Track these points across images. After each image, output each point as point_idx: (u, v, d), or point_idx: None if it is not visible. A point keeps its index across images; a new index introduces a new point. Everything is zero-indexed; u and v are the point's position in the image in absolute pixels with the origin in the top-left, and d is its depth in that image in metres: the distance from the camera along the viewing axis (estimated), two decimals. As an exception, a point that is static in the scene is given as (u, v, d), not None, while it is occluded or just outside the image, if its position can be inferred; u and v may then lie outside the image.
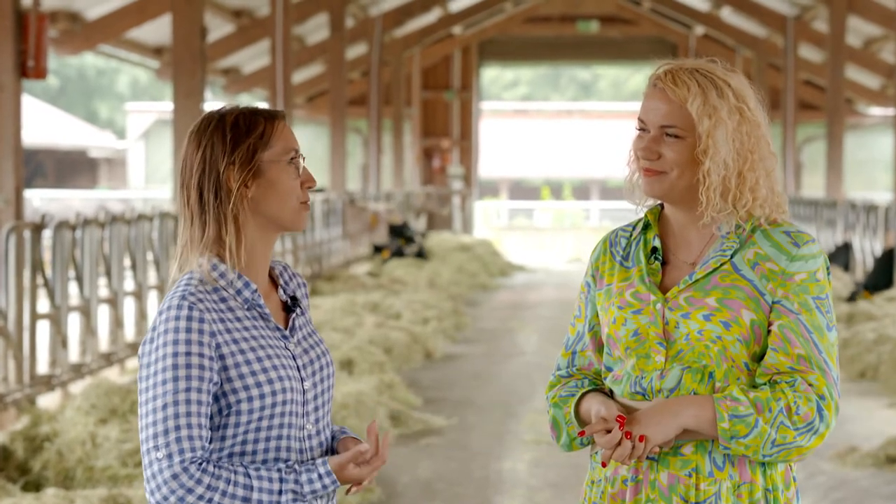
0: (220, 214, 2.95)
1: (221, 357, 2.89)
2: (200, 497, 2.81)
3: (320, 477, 2.91)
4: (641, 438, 2.97)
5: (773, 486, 3.06)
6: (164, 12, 18.29)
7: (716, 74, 3.07)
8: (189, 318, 2.87)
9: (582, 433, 3.10)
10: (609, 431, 2.99)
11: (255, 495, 2.85)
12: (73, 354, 11.00)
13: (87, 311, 10.95)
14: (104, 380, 9.61)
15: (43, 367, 10.34)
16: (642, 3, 34.74)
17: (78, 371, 10.62)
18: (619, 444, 2.97)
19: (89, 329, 11.01)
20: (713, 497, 3.03)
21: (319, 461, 2.94)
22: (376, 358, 12.20)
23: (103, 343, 11.55)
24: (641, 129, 3.11)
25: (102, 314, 11.52)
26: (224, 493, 2.83)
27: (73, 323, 11.00)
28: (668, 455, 3.05)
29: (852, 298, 16.89)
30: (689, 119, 3.05)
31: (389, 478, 8.67)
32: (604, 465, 3.08)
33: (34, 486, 8.00)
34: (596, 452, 3.17)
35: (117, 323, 11.67)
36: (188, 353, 2.85)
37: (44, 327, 10.35)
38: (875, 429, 10.31)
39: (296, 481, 2.89)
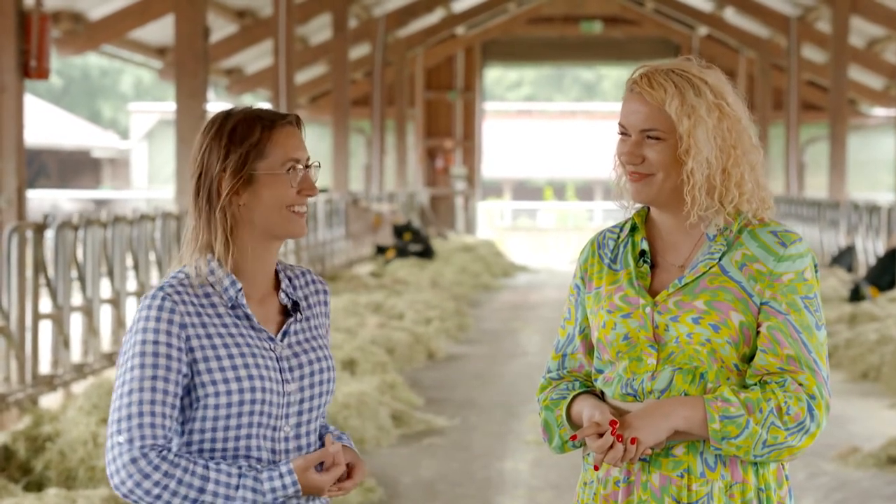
0: (212, 218, 3.00)
1: (191, 350, 2.94)
2: (157, 483, 2.85)
3: (281, 476, 2.93)
4: (633, 441, 2.97)
5: (765, 486, 3.06)
6: (166, 12, 18.30)
7: (692, 73, 3.07)
8: (160, 309, 2.93)
9: (574, 437, 3.10)
10: (601, 435, 3.00)
11: (210, 486, 2.88)
12: (76, 354, 11.00)
13: (89, 312, 10.97)
14: (106, 380, 9.63)
15: (45, 368, 10.35)
16: (645, 3, 34.73)
17: (80, 371, 10.64)
18: (611, 447, 2.98)
19: (91, 329, 11.02)
20: (705, 497, 3.03)
21: (283, 462, 2.97)
22: (378, 358, 12.21)
23: (105, 343, 11.56)
24: (623, 134, 3.12)
25: (105, 314, 11.53)
26: (180, 482, 2.87)
27: (76, 323, 11.00)
28: (660, 456, 3.06)
29: (855, 297, 16.85)
30: (669, 120, 3.05)
31: (391, 478, 8.68)
32: (596, 468, 3.09)
33: (36, 486, 8.01)
34: (588, 454, 3.17)
35: (119, 323, 11.68)
36: (156, 342, 2.91)
37: (46, 327, 10.36)
38: (877, 429, 10.31)
39: (255, 478, 2.92)
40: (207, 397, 2.94)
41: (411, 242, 24.45)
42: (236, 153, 2.99)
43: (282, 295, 3.09)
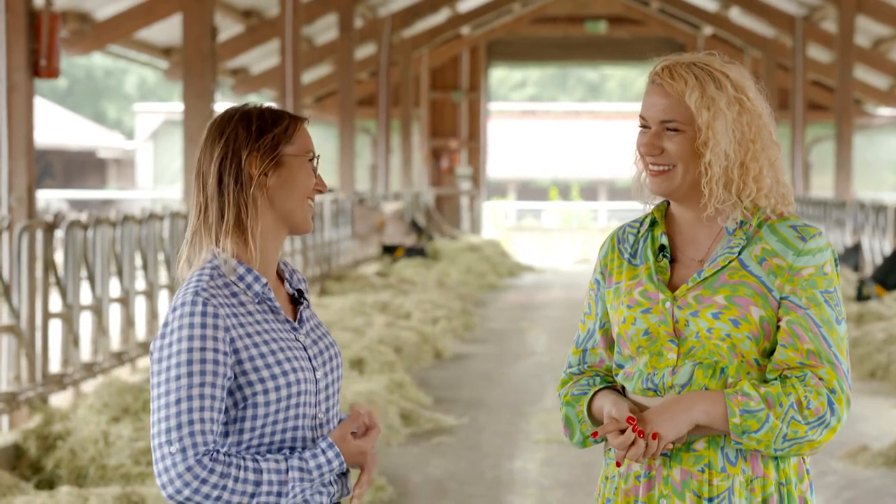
0: (241, 199, 3.00)
1: (236, 351, 2.95)
2: (215, 486, 2.87)
3: (323, 451, 2.98)
4: (654, 436, 2.98)
5: (786, 480, 3.07)
6: (173, 12, 18.32)
7: (713, 66, 3.08)
8: (203, 314, 2.92)
9: (595, 434, 3.10)
10: (622, 432, 3.01)
11: (264, 477, 2.90)
12: (85, 353, 11.02)
13: (98, 311, 10.98)
14: (116, 379, 9.66)
15: (55, 366, 10.37)
16: (650, 3, 34.72)
17: (90, 370, 10.65)
18: (632, 443, 2.99)
19: (101, 328, 11.04)
20: (726, 492, 3.04)
21: (320, 438, 3.02)
22: (386, 357, 12.22)
23: (115, 342, 11.58)
24: (643, 126, 3.12)
25: (114, 313, 11.55)
26: (236, 480, 2.88)
27: (85, 322, 11.02)
28: (681, 451, 3.06)
29: (861, 296, 16.84)
30: (688, 112, 3.05)
31: (401, 477, 8.69)
32: (618, 464, 3.09)
33: (47, 484, 8.04)
34: (610, 449, 3.18)
35: (129, 322, 11.70)
36: (203, 349, 2.90)
37: (56, 326, 10.38)
38: (886, 428, 10.32)
39: (300, 458, 2.95)
40: (256, 395, 2.96)
41: (423, 241, 24.51)
42: (268, 135, 3.02)
43: (287, 284, 3.14)
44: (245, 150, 3.01)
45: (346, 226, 22.70)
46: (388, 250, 24.18)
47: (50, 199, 34.18)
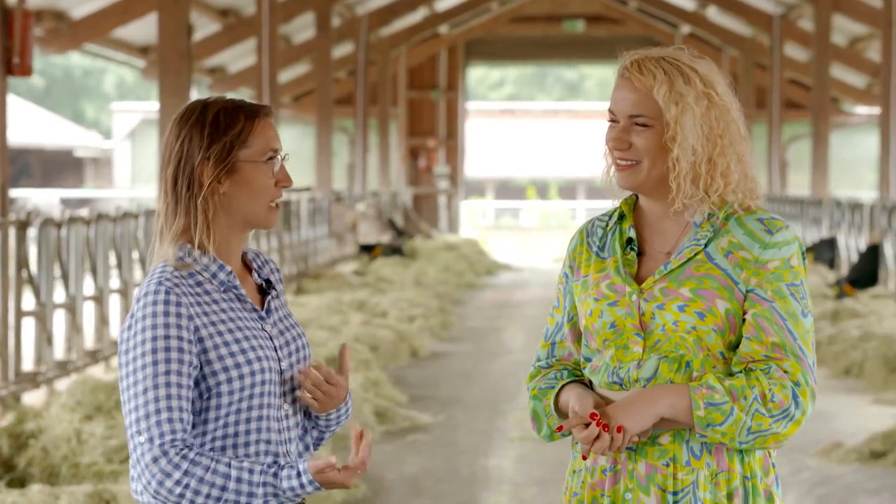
0: (191, 206, 2.98)
1: (200, 340, 2.92)
2: (178, 482, 2.83)
3: (298, 475, 2.90)
4: (619, 429, 2.97)
5: (751, 474, 3.06)
6: (149, 11, 18.28)
7: (682, 61, 3.07)
8: (167, 303, 2.90)
9: (560, 428, 3.10)
10: (586, 426, 2.99)
11: (231, 485, 2.86)
12: (59, 352, 10.99)
13: (72, 309, 10.95)
14: (89, 377, 9.62)
15: (28, 365, 10.34)
16: (629, 2, 34.76)
17: (63, 368, 10.62)
18: (597, 437, 2.98)
19: (75, 326, 11.00)
20: (690, 486, 3.03)
21: (300, 461, 2.95)
22: (362, 356, 12.20)
23: (89, 340, 11.54)
24: (612, 121, 3.11)
25: (88, 312, 11.51)
26: (201, 480, 2.84)
27: (59, 320, 10.98)
28: (646, 445, 3.05)
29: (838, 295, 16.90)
30: (657, 107, 3.04)
31: (376, 474, 8.68)
32: (584, 458, 3.08)
33: (19, 482, 8.00)
34: (577, 443, 3.16)
35: (103, 320, 11.67)
36: (167, 337, 2.88)
37: (29, 324, 10.34)
38: (860, 425, 10.34)
39: (275, 475, 2.89)
40: (220, 385, 2.93)
41: (402, 239, 24.52)
42: (220, 142, 2.99)
43: (254, 275, 3.11)
44: (197, 156, 2.99)
45: (324, 225, 22.68)
46: (366, 249, 24.15)
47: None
